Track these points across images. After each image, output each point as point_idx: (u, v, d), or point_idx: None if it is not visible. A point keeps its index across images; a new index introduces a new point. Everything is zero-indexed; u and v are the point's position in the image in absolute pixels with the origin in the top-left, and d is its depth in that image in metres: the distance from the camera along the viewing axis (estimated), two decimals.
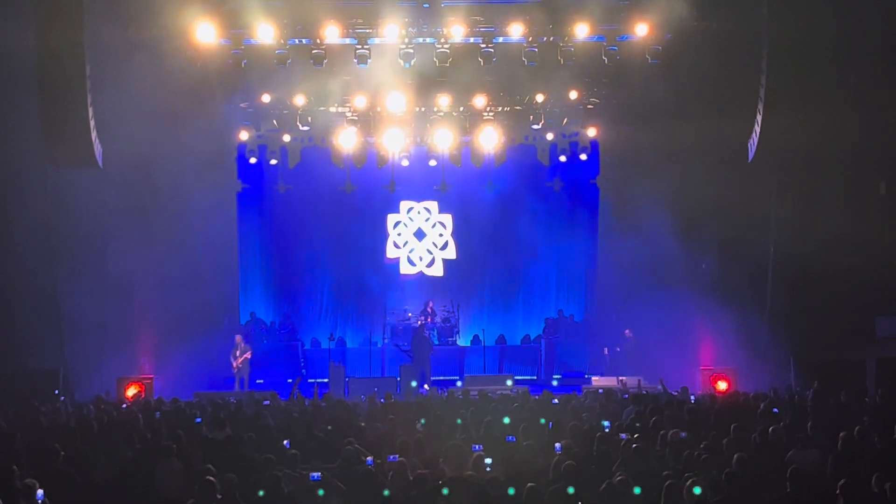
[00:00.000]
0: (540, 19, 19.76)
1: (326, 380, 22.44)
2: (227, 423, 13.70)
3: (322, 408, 15.65)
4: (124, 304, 21.09)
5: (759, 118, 19.92)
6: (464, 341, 26.08)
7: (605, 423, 13.52)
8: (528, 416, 13.77)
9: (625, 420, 13.89)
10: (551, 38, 20.12)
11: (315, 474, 10.03)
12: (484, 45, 20.10)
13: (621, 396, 17.29)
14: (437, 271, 27.28)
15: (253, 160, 25.57)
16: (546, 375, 24.78)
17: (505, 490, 9.28)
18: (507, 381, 21.20)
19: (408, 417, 13.85)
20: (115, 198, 20.80)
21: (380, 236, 27.18)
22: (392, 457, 10.87)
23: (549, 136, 25.64)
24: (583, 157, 25.75)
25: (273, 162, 25.65)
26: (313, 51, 19.77)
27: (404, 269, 27.25)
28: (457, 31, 19.68)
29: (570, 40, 19.91)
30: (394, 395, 18.10)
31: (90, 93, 18.81)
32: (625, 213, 24.04)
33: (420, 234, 27.37)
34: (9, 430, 13.02)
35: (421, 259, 27.32)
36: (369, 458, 10.98)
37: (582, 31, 19.65)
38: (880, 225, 19.42)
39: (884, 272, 19.37)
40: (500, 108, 24.45)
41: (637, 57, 20.13)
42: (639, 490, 9.25)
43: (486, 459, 10.63)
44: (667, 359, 21.37)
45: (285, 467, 10.57)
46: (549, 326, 25.90)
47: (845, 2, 18.80)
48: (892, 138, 19.67)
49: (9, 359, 18.98)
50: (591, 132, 25.22)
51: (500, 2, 20.03)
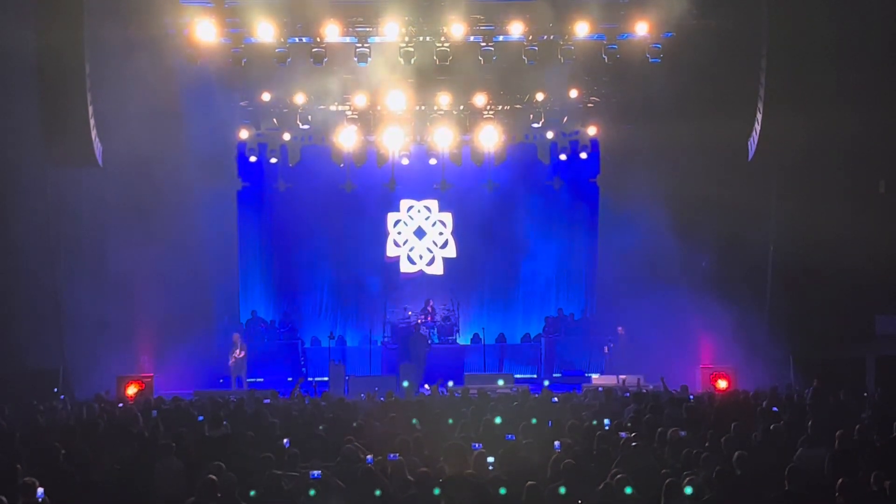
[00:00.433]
0: (540, 18, 19.76)
1: (326, 378, 22.45)
2: (224, 421, 13.68)
3: (322, 406, 15.65)
4: (124, 303, 21.05)
5: (759, 117, 19.94)
6: (464, 340, 26.07)
7: (605, 421, 13.52)
8: (527, 416, 13.75)
9: (625, 418, 13.90)
10: (551, 37, 20.12)
11: (315, 472, 10.02)
12: (484, 44, 20.11)
13: (622, 395, 17.30)
14: (438, 270, 27.28)
15: (253, 159, 25.58)
16: (546, 374, 24.79)
17: (500, 489, 9.23)
18: (498, 381, 20.81)
19: (407, 416, 13.83)
20: (115, 196, 20.84)
21: (380, 235, 27.18)
22: (392, 455, 10.87)
23: (550, 135, 25.63)
24: (583, 155, 25.77)
25: (273, 160, 25.67)
26: (313, 49, 19.77)
27: (404, 267, 27.25)
28: (457, 30, 19.67)
29: (570, 39, 19.91)
30: (394, 393, 18.09)
31: (90, 91, 18.83)
32: (625, 211, 24.02)
33: (420, 233, 27.36)
34: (8, 429, 13.02)
35: (421, 257, 27.32)
36: (369, 457, 10.98)
37: (582, 29, 19.65)
38: (880, 223, 19.39)
39: (883, 271, 19.38)
40: (500, 107, 24.45)
41: (637, 55, 20.13)
42: (630, 490, 9.18)
43: (488, 458, 10.62)
44: (667, 357, 21.37)
45: (285, 466, 10.57)
46: (549, 325, 25.92)
47: (845, 1, 18.81)
48: (892, 137, 19.68)
49: (9, 358, 18.97)
50: (592, 131, 25.22)
51: (501, 0, 20.03)
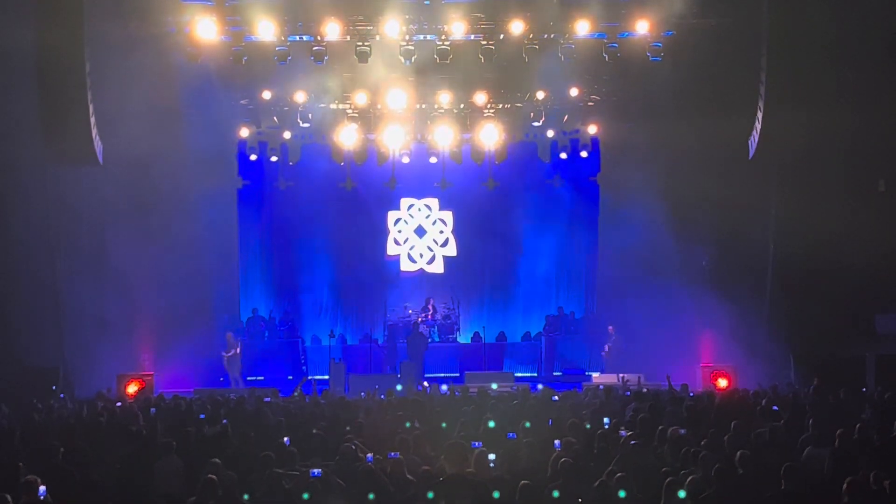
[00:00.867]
0: (541, 16, 19.74)
1: (327, 377, 22.45)
2: (221, 418, 13.66)
3: (321, 405, 15.67)
4: (124, 301, 21.05)
5: (759, 115, 19.96)
6: (464, 338, 26.08)
7: (604, 420, 13.52)
8: (528, 414, 13.74)
9: (626, 417, 13.90)
10: (552, 35, 20.10)
11: (315, 471, 10.02)
12: (485, 42, 20.10)
13: (622, 393, 17.31)
14: (438, 268, 27.27)
15: (253, 157, 25.55)
16: (547, 372, 24.81)
17: (494, 493, 9.17)
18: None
19: (407, 415, 13.83)
20: (115, 195, 20.85)
21: (380, 233, 27.17)
22: (393, 454, 10.87)
23: (550, 134, 25.61)
24: (583, 154, 25.76)
25: (273, 159, 25.64)
26: (314, 47, 19.76)
27: (405, 266, 27.25)
28: (457, 28, 19.65)
29: (570, 37, 19.90)
30: (395, 391, 18.10)
31: (90, 90, 18.83)
32: (625, 210, 24.01)
33: (420, 231, 27.36)
34: (9, 427, 13.03)
35: (421, 256, 27.31)
36: (369, 455, 10.98)
37: (583, 28, 19.64)
38: (880, 222, 19.42)
39: (883, 269, 19.41)
40: (500, 106, 24.42)
41: (638, 54, 20.12)
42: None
43: (489, 455, 10.61)
44: (667, 356, 21.37)
45: (284, 464, 10.57)
46: (550, 324, 25.91)
47: None
48: (892, 136, 19.70)
49: (8, 356, 18.98)
50: (592, 129, 25.20)
51: None
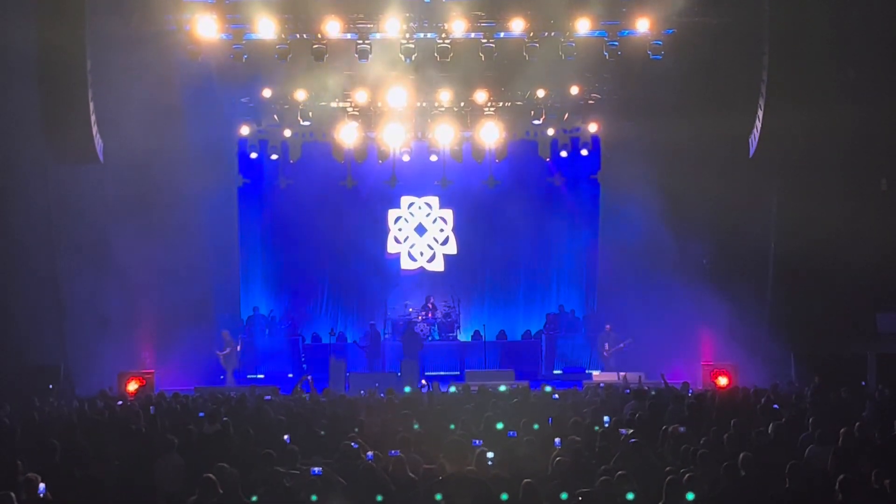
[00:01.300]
0: (541, 14, 19.71)
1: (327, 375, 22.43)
2: (222, 416, 13.64)
3: (322, 403, 15.67)
4: (125, 299, 21.06)
5: (760, 114, 19.93)
6: (464, 336, 26.09)
7: (604, 418, 13.52)
8: (528, 413, 13.72)
9: (625, 415, 13.90)
10: (552, 34, 20.07)
11: (316, 469, 10.02)
12: (485, 41, 20.07)
13: (622, 392, 17.31)
14: (438, 266, 27.27)
15: (254, 155, 25.59)
16: (547, 371, 24.81)
17: (503, 495, 9.16)
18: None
19: (410, 414, 13.81)
20: (116, 193, 20.87)
21: (381, 231, 27.17)
22: (393, 452, 10.87)
23: (550, 132, 25.64)
24: (584, 152, 25.79)
25: (274, 157, 25.69)
26: (314, 46, 19.73)
27: (405, 264, 27.25)
28: (458, 27, 19.62)
29: (571, 35, 19.86)
30: (395, 390, 18.07)
31: (91, 87, 18.81)
32: (626, 208, 24.02)
33: (421, 230, 27.35)
34: (10, 425, 13.02)
35: (422, 254, 27.31)
36: (370, 453, 10.98)
37: (583, 26, 19.60)
38: (881, 221, 19.41)
39: (885, 268, 19.39)
40: (501, 104, 24.41)
41: (638, 52, 20.08)
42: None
43: (488, 454, 10.61)
44: (667, 354, 21.39)
45: (285, 463, 10.56)
46: (550, 322, 25.92)
47: None
48: (893, 134, 19.66)
49: (10, 354, 18.98)
50: (593, 127, 25.21)
51: None
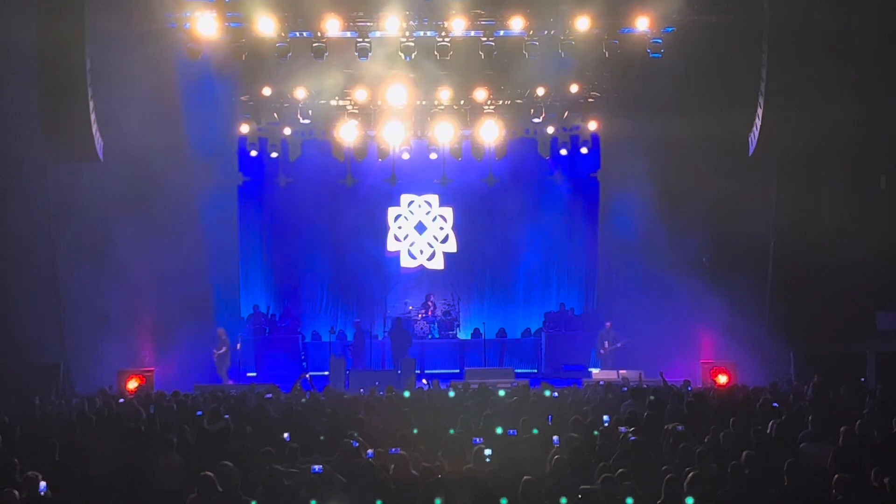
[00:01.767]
0: (541, 12, 19.72)
1: (327, 373, 22.46)
2: (222, 414, 13.66)
3: (322, 401, 15.68)
4: (125, 298, 21.06)
5: (759, 112, 19.92)
6: (464, 335, 26.10)
7: (604, 417, 13.52)
8: (528, 411, 13.73)
9: (623, 413, 13.90)
10: (552, 32, 20.07)
11: (316, 467, 10.03)
12: (485, 39, 20.05)
13: (622, 390, 17.30)
14: (438, 265, 27.27)
15: (254, 153, 25.58)
16: (547, 369, 24.82)
17: (503, 489, 9.16)
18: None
19: (411, 412, 13.82)
20: (115, 191, 20.86)
21: (380, 229, 27.17)
22: (394, 449, 10.88)
23: (550, 130, 25.64)
24: (583, 150, 25.77)
25: (274, 155, 25.68)
26: (314, 44, 19.73)
27: (405, 262, 27.25)
28: (458, 25, 19.63)
29: (570, 34, 19.86)
30: (395, 388, 18.09)
31: (91, 85, 18.79)
32: (625, 206, 24.01)
33: (421, 228, 27.35)
34: (10, 424, 13.02)
35: (422, 252, 27.31)
36: (370, 451, 10.99)
37: (583, 24, 19.60)
38: (881, 219, 19.42)
39: (885, 266, 19.40)
40: (500, 102, 24.42)
41: (638, 50, 20.09)
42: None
43: (485, 451, 10.62)
44: (667, 352, 21.39)
45: (285, 460, 10.57)
46: (550, 320, 25.92)
47: None
48: (893, 132, 19.67)
49: (9, 352, 18.97)
50: (592, 126, 25.20)
51: None
